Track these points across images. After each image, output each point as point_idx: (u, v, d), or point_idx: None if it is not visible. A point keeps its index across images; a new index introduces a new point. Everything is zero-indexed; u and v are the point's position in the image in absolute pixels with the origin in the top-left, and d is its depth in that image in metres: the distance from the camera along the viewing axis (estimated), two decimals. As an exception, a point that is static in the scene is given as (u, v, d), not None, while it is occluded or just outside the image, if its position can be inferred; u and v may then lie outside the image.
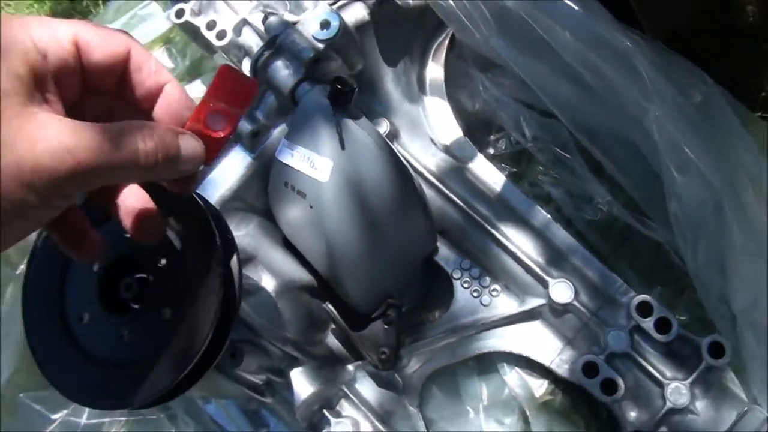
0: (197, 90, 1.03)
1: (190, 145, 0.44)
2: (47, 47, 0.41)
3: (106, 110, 0.47)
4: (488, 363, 0.84)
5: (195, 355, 0.53)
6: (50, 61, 0.41)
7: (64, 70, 0.42)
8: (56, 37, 0.42)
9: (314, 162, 0.68)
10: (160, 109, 0.46)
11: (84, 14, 1.62)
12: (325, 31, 0.70)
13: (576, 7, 0.73)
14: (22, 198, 0.37)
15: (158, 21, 1.14)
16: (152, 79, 0.46)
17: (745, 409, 0.72)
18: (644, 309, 0.74)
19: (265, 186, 0.75)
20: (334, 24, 0.70)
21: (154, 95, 0.46)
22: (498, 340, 0.80)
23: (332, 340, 0.82)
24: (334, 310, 0.80)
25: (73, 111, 0.42)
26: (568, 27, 0.73)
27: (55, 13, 1.68)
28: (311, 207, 0.69)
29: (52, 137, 0.38)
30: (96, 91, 0.46)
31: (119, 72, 0.45)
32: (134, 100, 0.46)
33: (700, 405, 0.73)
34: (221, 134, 0.46)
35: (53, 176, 0.37)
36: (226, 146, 0.69)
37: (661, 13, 0.76)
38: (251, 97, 0.48)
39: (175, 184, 0.48)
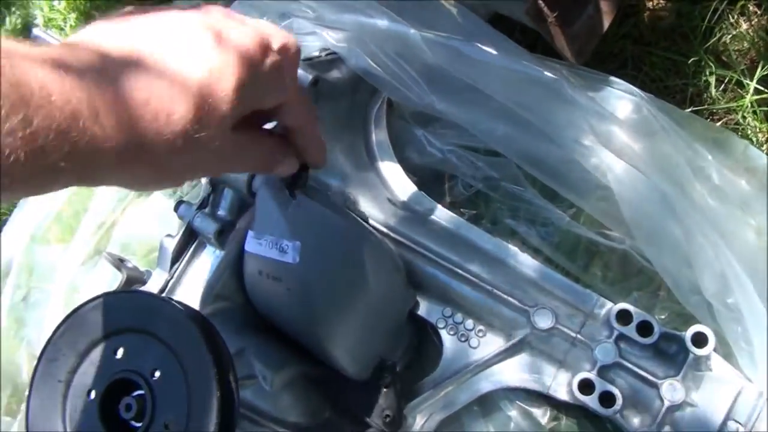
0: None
1: None
2: None
3: None
4: (490, 403, 0.85)
5: None
6: None
7: None
8: None
9: (282, 246, 0.70)
10: None
11: None
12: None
13: (495, 51, 0.77)
14: None
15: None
16: None
17: (739, 389, 0.74)
18: (624, 317, 0.77)
19: (242, 279, 0.77)
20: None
21: None
22: (494, 378, 0.82)
23: (334, 415, 0.83)
24: (331, 385, 0.81)
25: None
26: (492, 71, 0.77)
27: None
28: (288, 289, 0.71)
29: None
30: None
31: None
32: None
33: (696, 396, 0.74)
34: None
35: None
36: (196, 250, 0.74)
37: (577, 41, 0.80)
38: None
39: None
